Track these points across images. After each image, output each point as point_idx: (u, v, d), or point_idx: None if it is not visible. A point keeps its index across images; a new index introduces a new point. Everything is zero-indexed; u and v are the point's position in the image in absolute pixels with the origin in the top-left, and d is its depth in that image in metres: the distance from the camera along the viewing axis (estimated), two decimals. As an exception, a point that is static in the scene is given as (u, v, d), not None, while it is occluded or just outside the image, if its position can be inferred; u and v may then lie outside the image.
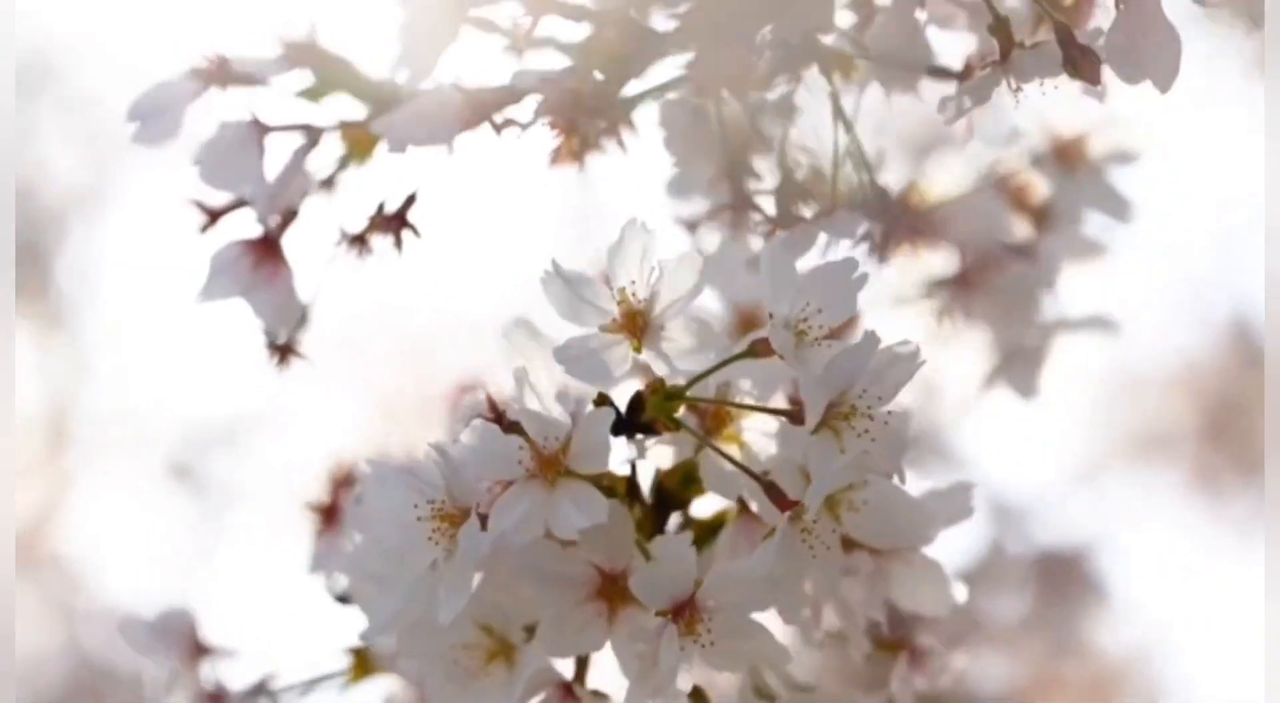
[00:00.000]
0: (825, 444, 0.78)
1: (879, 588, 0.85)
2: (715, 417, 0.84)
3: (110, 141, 2.65)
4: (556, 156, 0.89)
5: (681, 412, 0.82)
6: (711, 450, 0.82)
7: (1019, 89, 0.82)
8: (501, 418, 0.82)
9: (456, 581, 0.79)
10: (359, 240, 0.92)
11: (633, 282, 0.79)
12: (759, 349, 0.81)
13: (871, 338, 0.78)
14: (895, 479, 0.80)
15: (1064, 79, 0.82)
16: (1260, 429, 2.27)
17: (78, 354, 2.68)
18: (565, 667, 0.87)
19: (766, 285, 0.79)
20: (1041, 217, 1.01)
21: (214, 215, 0.93)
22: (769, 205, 0.90)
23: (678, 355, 0.80)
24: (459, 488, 0.79)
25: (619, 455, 0.83)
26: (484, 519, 0.79)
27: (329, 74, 0.92)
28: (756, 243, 0.91)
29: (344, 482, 0.99)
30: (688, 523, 0.88)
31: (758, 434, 0.84)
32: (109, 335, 2.68)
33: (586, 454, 0.79)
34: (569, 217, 2.59)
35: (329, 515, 0.98)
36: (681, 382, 0.82)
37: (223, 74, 0.90)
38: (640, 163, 0.92)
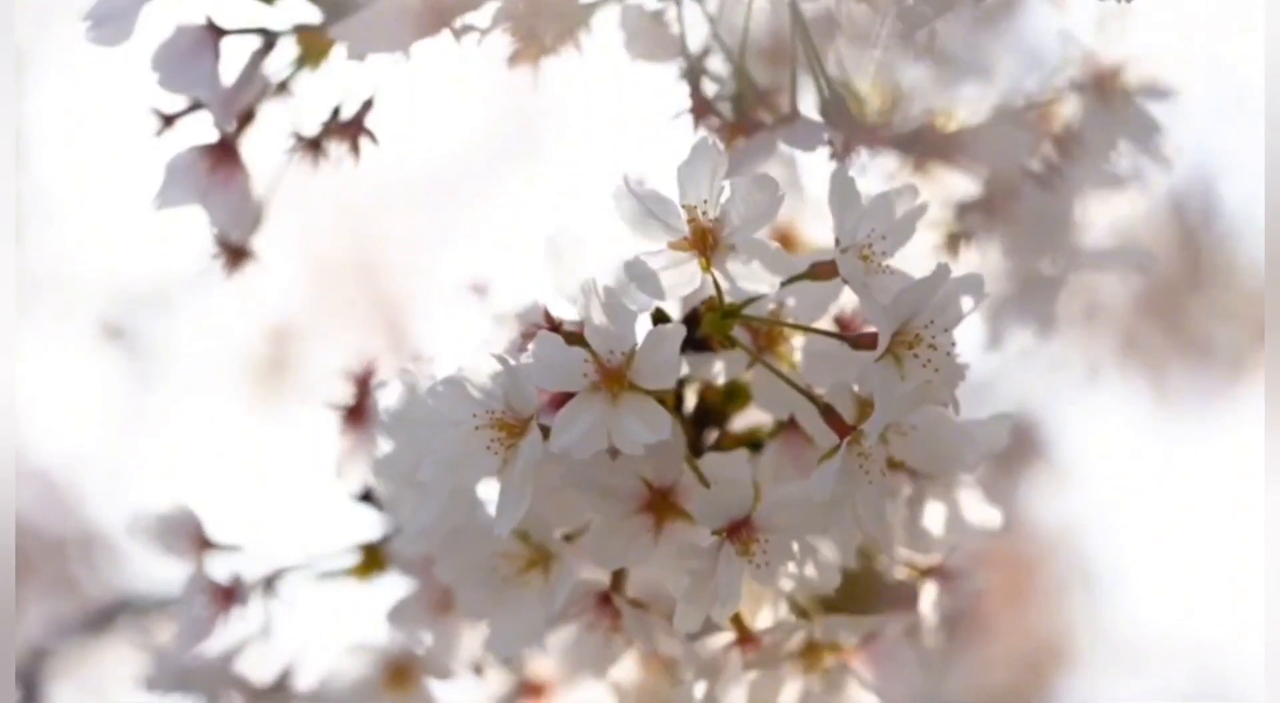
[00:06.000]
0: (888, 371, 0.78)
1: (917, 511, 0.87)
2: (768, 336, 0.84)
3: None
4: (513, 61, 0.89)
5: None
6: (766, 369, 0.83)
7: None
8: (558, 330, 0.82)
9: (515, 491, 0.79)
10: (314, 145, 0.91)
11: (704, 200, 0.79)
12: (819, 272, 0.81)
13: (943, 269, 0.78)
14: (950, 410, 0.80)
15: None
16: (1197, 308, 2.29)
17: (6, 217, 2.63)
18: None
19: (833, 211, 0.79)
20: (1069, 145, 1.01)
21: (169, 120, 0.92)
22: (727, 111, 0.89)
23: (744, 276, 0.79)
24: (519, 399, 0.79)
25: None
26: (544, 430, 0.79)
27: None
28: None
29: (366, 381, 0.99)
30: (723, 437, 0.89)
31: (804, 356, 0.84)
32: (40, 198, 2.62)
33: (653, 370, 0.78)
34: (521, 118, 2.56)
35: (354, 416, 0.98)
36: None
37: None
38: (595, 65, 0.91)
